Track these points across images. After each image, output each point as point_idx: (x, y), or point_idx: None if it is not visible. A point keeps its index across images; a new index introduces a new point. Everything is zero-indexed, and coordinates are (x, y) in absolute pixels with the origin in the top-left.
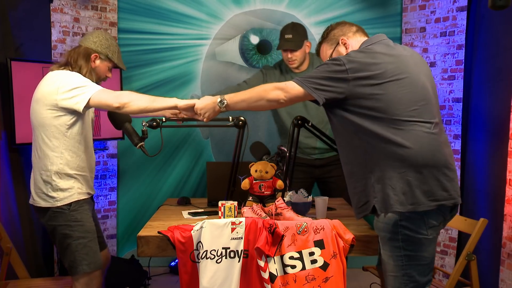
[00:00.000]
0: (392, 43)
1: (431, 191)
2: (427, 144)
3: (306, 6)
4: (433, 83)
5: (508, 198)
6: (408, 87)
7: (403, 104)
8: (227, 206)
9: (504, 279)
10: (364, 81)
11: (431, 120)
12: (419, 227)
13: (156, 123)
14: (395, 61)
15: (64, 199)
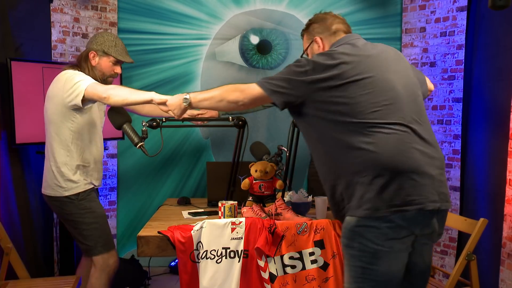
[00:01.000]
0: (360, 43)
1: (391, 197)
2: (392, 147)
3: (306, 6)
4: (409, 81)
5: (508, 198)
6: (369, 87)
7: (364, 106)
8: (227, 206)
9: (504, 279)
10: (322, 83)
11: (398, 121)
12: (375, 236)
13: (156, 123)
14: (356, 60)
15: (72, 189)
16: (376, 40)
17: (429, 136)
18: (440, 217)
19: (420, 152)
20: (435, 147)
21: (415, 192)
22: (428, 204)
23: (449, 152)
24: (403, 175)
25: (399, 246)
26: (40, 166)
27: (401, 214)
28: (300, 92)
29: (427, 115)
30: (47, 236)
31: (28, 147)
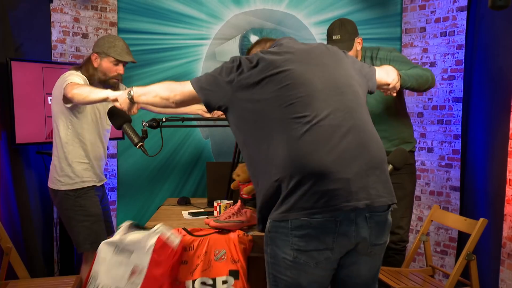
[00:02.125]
0: (286, 41)
1: (302, 199)
2: (303, 147)
3: (306, 6)
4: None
5: (508, 198)
6: (286, 80)
7: (280, 100)
8: (222, 206)
9: (504, 279)
10: (242, 82)
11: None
12: (284, 244)
13: (156, 123)
14: (275, 57)
15: (68, 184)
16: (376, 40)
17: (360, 128)
18: (373, 224)
19: (335, 154)
20: (367, 140)
21: (328, 194)
22: (345, 204)
23: (449, 152)
24: (315, 179)
25: (306, 259)
26: (40, 166)
27: (309, 220)
28: (223, 92)
29: (364, 108)
30: (47, 236)
31: (28, 147)
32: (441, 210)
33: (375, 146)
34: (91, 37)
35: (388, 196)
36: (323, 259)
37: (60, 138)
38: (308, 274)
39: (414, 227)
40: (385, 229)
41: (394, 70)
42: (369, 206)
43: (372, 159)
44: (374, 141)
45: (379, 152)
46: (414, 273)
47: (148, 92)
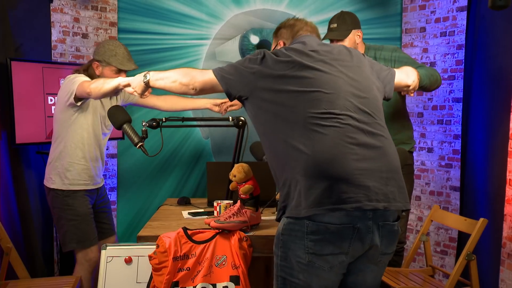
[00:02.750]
0: (311, 40)
1: (318, 198)
2: (326, 150)
3: (306, 6)
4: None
5: (508, 198)
6: (308, 78)
7: (304, 100)
8: (222, 206)
9: (504, 279)
10: (267, 75)
11: (337, 111)
12: (297, 247)
13: (156, 123)
14: (300, 56)
15: (58, 184)
16: (376, 40)
17: (380, 132)
18: (385, 233)
19: (357, 157)
20: (386, 145)
21: (351, 191)
22: (367, 203)
23: (449, 152)
24: (336, 180)
25: (321, 263)
26: (40, 166)
27: (327, 226)
28: (246, 81)
29: (382, 113)
30: (47, 236)
31: (28, 147)
32: (441, 210)
33: (393, 153)
34: (91, 37)
35: (403, 202)
36: (337, 263)
37: (59, 138)
38: (320, 278)
39: (414, 227)
40: (394, 239)
41: (414, 71)
42: (386, 208)
43: (391, 166)
44: (392, 148)
45: (396, 159)
46: (414, 273)
47: (167, 77)
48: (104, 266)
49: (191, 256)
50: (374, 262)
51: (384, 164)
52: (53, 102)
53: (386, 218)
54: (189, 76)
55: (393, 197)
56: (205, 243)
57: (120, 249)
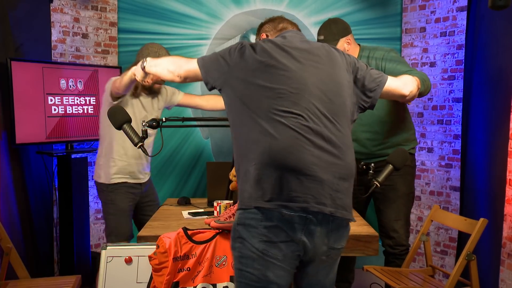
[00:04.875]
0: (291, 35)
1: (273, 190)
2: (286, 140)
3: (306, 6)
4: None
5: (508, 198)
6: (281, 74)
7: (272, 91)
8: (222, 206)
9: (504, 279)
10: (241, 66)
11: (301, 113)
12: (252, 236)
13: (156, 123)
14: (277, 50)
15: (102, 178)
16: (376, 40)
17: (338, 139)
18: (334, 228)
19: (313, 154)
20: (342, 153)
21: (300, 190)
22: (314, 205)
23: (449, 152)
24: (290, 172)
25: (275, 252)
26: (40, 166)
27: (280, 212)
28: (222, 71)
29: (347, 120)
30: (47, 236)
31: (28, 147)
32: (441, 210)
33: (349, 159)
34: (91, 37)
35: (349, 211)
36: (290, 253)
37: (103, 137)
38: (276, 267)
39: (414, 227)
40: (343, 235)
41: (414, 81)
42: (332, 214)
43: (344, 170)
44: (349, 155)
45: (352, 166)
46: (414, 273)
47: (159, 64)
48: (104, 266)
49: (191, 256)
50: (324, 256)
51: (337, 170)
52: (53, 102)
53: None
54: (175, 64)
55: (341, 203)
56: (205, 243)
57: (120, 249)
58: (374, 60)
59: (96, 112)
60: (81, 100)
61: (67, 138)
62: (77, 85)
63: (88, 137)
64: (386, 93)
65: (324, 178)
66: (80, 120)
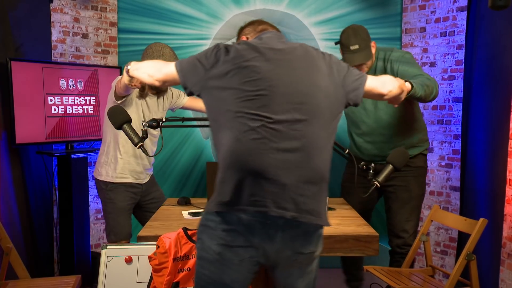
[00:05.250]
0: (268, 36)
1: (233, 194)
2: (246, 144)
3: (306, 6)
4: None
5: (508, 198)
6: (251, 76)
7: (239, 93)
8: None
9: (504, 279)
10: (214, 70)
11: (267, 115)
12: (210, 237)
13: (156, 123)
14: (249, 50)
15: (102, 176)
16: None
17: (308, 142)
18: (300, 233)
19: (276, 157)
20: (311, 156)
21: (260, 194)
22: (273, 210)
23: (449, 152)
24: (251, 176)
25: (231, 256)
26: (40, 166)
27: (239, 216)
28: (199, 77)
29: (323, 121)
30: (47, 236)
31: (28, 147)
32: (441, 210)
33: (318, 162)
34: (91, 37)
35: (316, 215)
36: (247, 257)
37: (105, 134)
38: (232, 271)
39: None
40: (312, 239)
41: (394, 81)
42: (295, 218)
43: (312, 174)
44: (320, 159)
45: (321, 169)
46: (414, 273)
47: (140, 67)
48: (104, 265)
49: (191, 256)
50: (291, 261)
51: (303, 174)
52: (53, 102)
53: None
54: (154, 68)
55: (305, 208)
56: None
57: (120, 249)
58: (389, 62)
59: (96, 112)
60: (81, 100)
61: (67, 138)
62: (77, 85)
63: (88, 137)
64: (366, 92)
65: (287, 182)
66: (80, 120)
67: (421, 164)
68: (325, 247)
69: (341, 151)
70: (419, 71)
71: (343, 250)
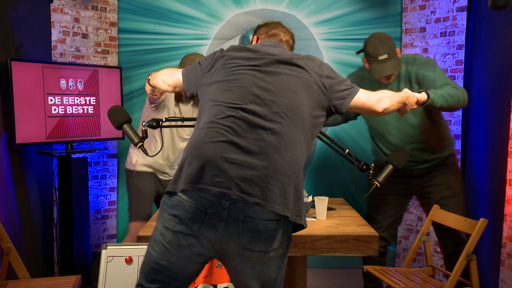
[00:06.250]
0: (263, 44)
1: (183, 176)
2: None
3: (306, 6)
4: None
5: (508, 198)
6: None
7: (218, 88)
8: None
9: (504, 279)
10: (207, 71)
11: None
12: (161, 218)
13: (156, 123)
14: (238, 52)
15: (130, 164)
16: None
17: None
18: (246, 229)
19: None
20: (269, 154)
21: (208, 182)
22: (236, 193)
23: None
24: (205, 163)
25: (171, 239)
26: (40, 166)
27: (183, 202)
28: (196, 79)
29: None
30: (47, 236)
31: (28, 147)
32: (441, 210)
33: (288, 157)
34: (91, 37)
35: (284, 207)
36: (186, 245)
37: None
38: (170, 254)
39: (414, 227)
40: (261, 238)
41: (394, 98)
42: (259, 204)
43: (273, 169)
44: (290, 154)
45: (284, 164)
46: (414, 273)
47: (157, 76)
48: (105, 265)
49: None
50: (237, 254)
51: (272, 165)
52: (53, 102)
53: (248, 214)
54: (168, 75)
55: (272, 197)
56: None
57: (121, 249)
58: (413, 67)
59: (96, 112)
60: (81, 100)
61: (67, 138)
62: (77, 85)
63: (88, 137)
64: (355, 106)
65: (233, 175)
66: (80, 120)
67: (455, 161)
68: (325, 247)
69: (341, 151)
70: (445, 80)
71: (343, 250)
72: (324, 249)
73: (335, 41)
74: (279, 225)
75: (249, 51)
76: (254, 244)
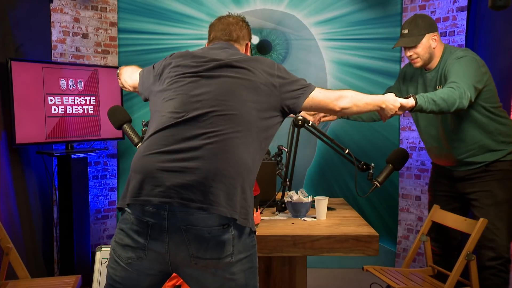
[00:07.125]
0: (205, 49)
1: (124, 192)
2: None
3: (306, 6)
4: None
5: None
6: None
7: (162, 95)
8: None
9: None
10: (156, 77)
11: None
12: (115, 233)
13: None
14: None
15: None
16: (376, 40)
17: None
18: (192, 237)
19: (159, 160)
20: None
21: (146, 194)
22: (177, 201)
23: None
24: (141, 176)
25: (121, 254)
26: (40, 166)
27: (130, 216)
28: (147, 85)
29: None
30: (47, 236)
31: (28, 147)
32: (441, 210)
33: (221, 161)
34: (91, 37)
35: (231, 209)
36: (135, 257)
37: None
38: (121, 269)
39: (414, 227)
40: (209, 246)
41: (353, 97)
42: (203, 209)
43: (212, 172)
44: (226, 157)
45: (229, 168)
46: (414, 273)
47: (122, 73)
48: (99, 268)
49: None
50: (190, 265)
51: (212, 168)
52: (53, 102)
53: (190, 222)
54: (128, 75)
55: (215, 200)
56: None
57: None
58: (447, 62)
59: (96, 112)
60: (81, 100)
61: (67, 138)
62: (77, 85)
63: (88, 137)
64: (311, 105)
65: (172, 183)
66: (80, 120)
67: (506, 167)
68: (325, 247)
69: (341, 151)
70: (456, 77)
71: (343, 250)
72: (324, 249)
73: (335, 41)
74: (226, 230)
75: (193, 58)
76: (204, 252)
